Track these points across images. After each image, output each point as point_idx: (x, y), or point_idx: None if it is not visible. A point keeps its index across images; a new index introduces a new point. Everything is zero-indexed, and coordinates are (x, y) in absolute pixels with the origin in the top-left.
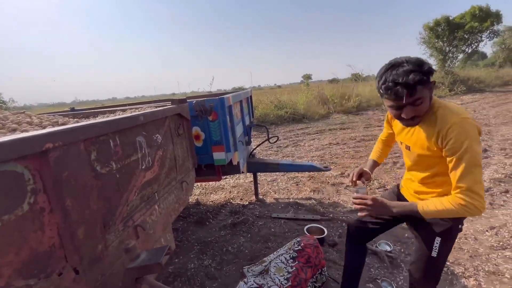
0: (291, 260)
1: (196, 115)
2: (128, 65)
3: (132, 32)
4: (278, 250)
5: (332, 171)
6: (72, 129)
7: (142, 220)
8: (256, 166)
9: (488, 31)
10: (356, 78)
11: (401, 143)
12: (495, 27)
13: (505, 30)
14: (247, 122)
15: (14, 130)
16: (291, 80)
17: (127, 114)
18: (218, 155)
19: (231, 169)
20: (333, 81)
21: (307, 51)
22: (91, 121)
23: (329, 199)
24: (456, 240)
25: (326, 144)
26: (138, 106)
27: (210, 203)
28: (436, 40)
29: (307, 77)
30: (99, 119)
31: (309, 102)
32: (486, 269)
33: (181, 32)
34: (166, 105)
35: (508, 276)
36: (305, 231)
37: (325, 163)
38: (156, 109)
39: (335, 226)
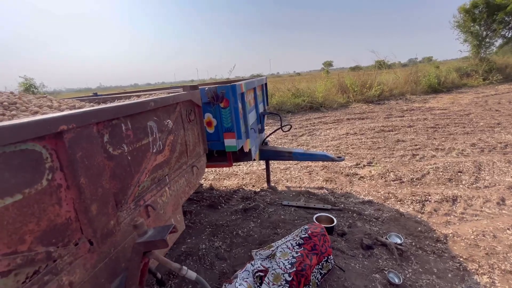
0: (297, 247)
1: (208, 102)
2: (150, 53)
3: (151, 18)
4: (286, 236)
5: (346, 162)
6: (84, 113)
7: (153, 201)
8: (268, 154)
9: None
10: (380, 65)
11: None
12: None
13: None
14: (261, 110)
15: (35, 113)
16: (311, 68)
17: (138, 100)
18: (229, 142)
19: (242, 156)
20: (356, 68)
21: (329, 38)
22: (103, 105)
23: (341, 189)
24: (472, 237)
25: (343, 134)
26: (152, 92)
27: (223, 188)
28: (472, 24)
29: (328, 64)
30: (111, 104)
31: (328, 90)
32: (503, 267)
33: (201, 20)
34: (178, 92)
35: None
36: (314, 220)
37: (340, 153)
38: (167, 95)
39: (345, 216)
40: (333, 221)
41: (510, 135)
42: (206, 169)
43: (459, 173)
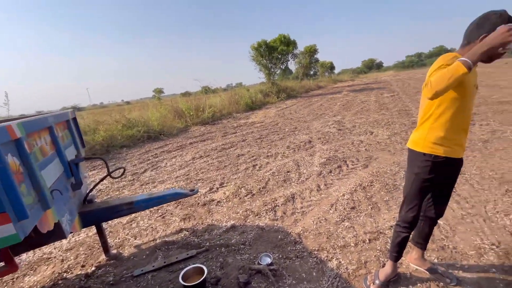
0: None
1: None
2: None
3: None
4: None
5: (200, 189)
6: None
7: None
8: (98, 215)
9: (291, 53)
10: (206, 90)
11: (476, 86)
12: (295, 51)
13: (300, 54)
14: (70, 157)
15: None
16: (142, 95)
17: None
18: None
19: (46, 237)
20: (186, 94)
21: (159, 65)
22: None
23: (202, 223)
24: (314, 227)
25: (190, 160)
26: None
27: None
28: (261, 58)
29: (159, 91)
30: None
31: (164, 117)
32: (339, 244)
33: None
34: None
35: (353, 244)
36: (180, 280)
37: (191, 181)
38: None
39: (214, 255)
40: (203, 271)
41: (305, 135)
42: None
43: (288, 173)
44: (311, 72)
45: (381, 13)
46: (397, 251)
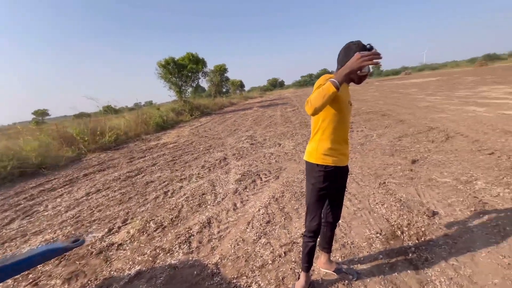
0: None
1: None
2: None
3: None
4: None
5: (95, 233)
6: None
7: None
8: None
9: (201, 72)
10: (106, 111)
11: (350, 102)
12: (205, 69)
13: (210, 72)
14: None
15: None
16: (16, 119)
17: None
18: None
19: None
20: (82, 115)
21: (44, 83)
22: None
23: (96, 279)
24: (232, 252)
25: (83, 196)
26: None
27: None
28: (170, 76)
29: (42, 113)
30: None
31: (46, 145)
32: (257, 265)
33: None
34: None
35: (270, 262)
36: None
37: (82, 225)
38: None
39: None
40: None
41: (220, 153)
42: None
43: (203, 195)
44: (224, 90)
45: (281, 38)
46: (308, 261)
